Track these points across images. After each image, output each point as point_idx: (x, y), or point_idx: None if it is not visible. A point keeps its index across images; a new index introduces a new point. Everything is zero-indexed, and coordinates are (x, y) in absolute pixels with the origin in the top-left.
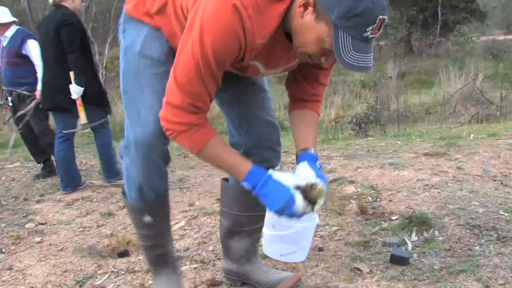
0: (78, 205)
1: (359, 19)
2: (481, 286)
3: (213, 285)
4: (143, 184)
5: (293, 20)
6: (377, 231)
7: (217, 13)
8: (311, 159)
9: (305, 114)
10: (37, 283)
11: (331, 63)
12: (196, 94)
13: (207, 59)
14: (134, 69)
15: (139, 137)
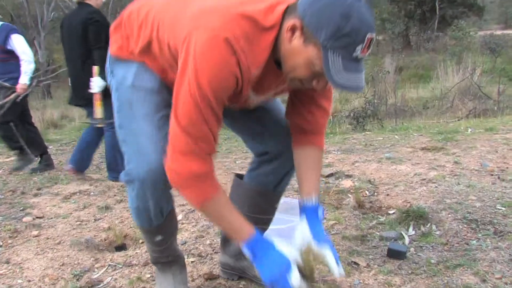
0: (75, 199)
1: (348, 39)
2: (478, 280)
3: (210, 278)
4: (151, 212)
5: (282, 46)
6: (374, 225)
7: (209, 49)
8: (312, 212)
9: (307, 154)
10: (35, 276)
11: (323, 85)
12: (200, 136)
13: (206, 97)
14: (128, 102)
15: (142, 169)
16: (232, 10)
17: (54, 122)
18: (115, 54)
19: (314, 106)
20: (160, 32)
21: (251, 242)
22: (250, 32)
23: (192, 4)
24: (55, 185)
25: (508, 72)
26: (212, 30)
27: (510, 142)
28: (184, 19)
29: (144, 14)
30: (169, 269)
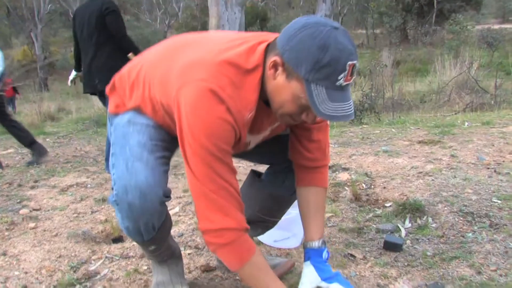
0: (72, 191)
1: (328, 69)
2: (473, 272)
3: (207, 270)
4: (142, 231)
5: (268, 85)
6: (370, 218)
7: (197, 104)
8: (316, 256)
9: (310, 195)
10: (32, 268)
11: (312, 118)
12: (219, 191)
13: (210, 151)
14: (123, 134)
15: (131, 192)
16: (215, 59)
17: (51, 114)
18: (113, 112)
19: (309, 141)
20: (152, 91)
21: None
22: (235, 78)
23: (178, 58)
24: (52, 177)
25: (505, 66)
26: (197, 84)
27: (507, 136)
28: (172, 76)
29: (134, 75)
30: (165, 263)
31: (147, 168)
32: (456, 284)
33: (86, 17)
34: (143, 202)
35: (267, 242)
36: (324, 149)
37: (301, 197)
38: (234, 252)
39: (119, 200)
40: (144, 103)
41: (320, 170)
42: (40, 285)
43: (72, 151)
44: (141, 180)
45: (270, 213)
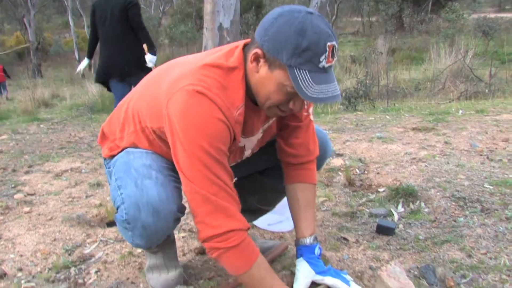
0: (67, 176)
1: (309, 52)
2: (464, 255)
3: (200, 253)
4: (153, 245)
5: (251, 79)
6: (364, 203)
7: (189, 108)
8: (309, 252)
9: (297, 192)
10: (27, 251)
11: (300, 105)
12: (217, 191)
13: (205, 150)
14: (124, 162)
15: (143, 207)
16: (197, 65)
17: (45, 101)
18: (108, 156)
19: (293, 139)
20: (142, 122)
21: None
22: (219, 77)
23: (163, 81)
24: (47, 162)
25: (500, 55)
26: (184, 90)
27: (500, 123)
28: (160, 97)
29: (123, 114)
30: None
31: (157, 184)
32: (447, 267)
33: (108, 10)
34: (157, 219)
35: (261, 225)
36: (307, 145)
37: (290, 195)
38: (241, 254)
39: (131, 219)
40: (138, 139)
41: (306, 166)
42: (35, 267)
43: (67, 137)
44: (153, 196)
45: (268, 203)
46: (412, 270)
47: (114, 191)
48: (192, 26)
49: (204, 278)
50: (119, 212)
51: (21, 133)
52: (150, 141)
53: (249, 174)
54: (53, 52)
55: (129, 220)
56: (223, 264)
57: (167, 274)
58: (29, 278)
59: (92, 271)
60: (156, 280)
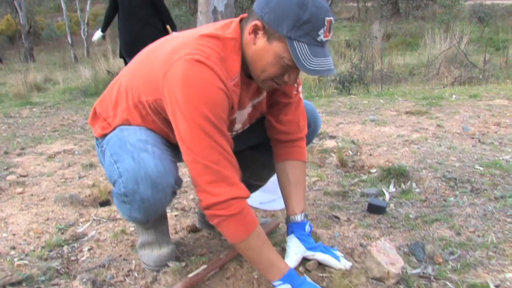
0: (60, 158)
1: (309, 25)
2: (452, 233)
3: (193, 231)
4: (150, 218)
5: (248, 51)
6: (356, 183)
7: (189, 77)
8: (299, 228)
9: (288, 169)
10: (20, 230)
11: (294, 78)
12: (218, 159)
13: (207, 118)
14: (118, 139)
15: (141, 180)
16: (192, 37)
17: (37, 85)
18: (100, 135)
19: (283, 116)
20: (136, 97)
21: (289, 276)
22: (217, 47)
23: (158, 55)
24: (39, 145)
25: (495, 42)
26: (183, 60)
27: (493, 108)
28: (156, 69)
29: (115, 92)
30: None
31: (155, 157)
32: (436, 244)
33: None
34: (155, 192)
35: (253, 204)
36: (297, 122)
37: (280, 172)
38: (241, 222)
39: (129, 192)
40: (131, 115)
41: (296, 143)
42: (28, 246)
43: (60, 120)
44: (151, 169)
45: (260, 178)
46: (402, 247)
47: (110, 166)
48: (186, 10)
49: (196, 255)
50: (116, 186)
51: (13, 117)
52: (143, 117)
53: (241, 150)
54: (46, 36)
55: (128, 193)
56: (222, 231)
57: (159, 250)
58: (22, 256)
59: (85, 249)
60: (148, 257)
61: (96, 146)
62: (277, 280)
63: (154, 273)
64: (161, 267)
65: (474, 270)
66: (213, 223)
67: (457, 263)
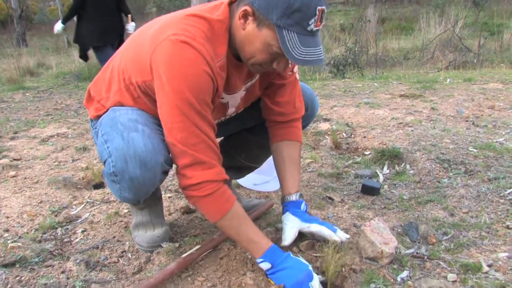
0: (53, 141)
1: (299, 14)
2: (446, 214)
3: (186, 212)
4: (140, 198)
5: (236, 35)
6: (350, 165)
7: (173, 58)
8: (294, 207)
9: (283, 150)
10: (13, 213)
11: (283, 66)
12: (196, 142)
13: (188, 101)
14: (110, 119)
15: (130, 159)
16: (179, 16)
17: (30, 69)
18: (94, 116)
19: (279, 97)
20: (127, 79)
21: (271, 252)
22: (202, 27)
23: (146, 36)
24: (32, 128)
25: (490, 26)
26: (168, 40)
27: (487, 92)
28: (144, 49)
29: (108, 74)
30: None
31: (144, 136)
32: (429, 225)
33: None
34: (144, 171)
35: (247, 185)
36: (294, 103)
37: (276, 153)
38: (214, 203)
39: (118, 171)
40: (123, 97)
41: (293, 124)
42: (21, 228)
43: (53, 105)
44: (140, 148)
45: (254, 160)
46: (396, 228)
47: (101, 146)
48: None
49: (189, 235)
50: (106, 165)
51: (6, 101)
52: (134, 99)
53: (237, 132)
54: (38, 21)
55: (117, 172)
56: (200, 211)
57: (153, 231)
58: (15, 238)
59: (78, 231)
60: (142, 237)
61: (91, 127)
62: (259, 258)
63: (148, 254)
64: (155, 247)
65: (467, 250)
66: (190, 203)
67: (451, 243)
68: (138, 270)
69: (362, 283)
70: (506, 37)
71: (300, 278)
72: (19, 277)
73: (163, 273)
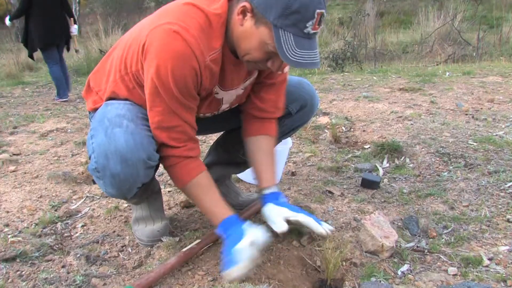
0: (52, 136)
1: (297, 15)
2: (446, 208)
3: (186, 206)
4: (126, 194)
5: (234, 31)
6: (349, 158)
7: (162, 45)
8: (274, 198)
9: (260, 143)
10: (13, 208)
11: (278, 65)
12: (174, 127)
13: (169, 89)
14: (101, 113)
15: (111, 155)
16: (178, 4)
17: (29, 64)
18: (92, 108)
19: (264, 93)
20: (123, 69)
21: (224, 223)
22: (199, 18)
23: (145, 24)
24: (32, 123)
25: (489, 20)
26: (163, 27)
27: (486, 85)
28: (141, 34)
29: (109, 64)
30: (144, 200)
31: (127, 132)
32: (429, 218)
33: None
34: (125, 167)
35: (246, 179)
36: (276, 103)
37: (252, 146)
38: (176, 174)
39: (100, 168)
40: (118, 87)
41: (270, 120)
42: (22, 223)
43: (52, 99)
44: (120, 144)
45: None
46: (396, 221)
47: (88, 141)
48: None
49: (189, 230)
50: (91, 161)
51: (5, 96)
52: (129, 90)
53: (236, 128)
54: None
55: (99, 168)
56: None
57: (153, 225)
58: (16, 233)
59: (78, 225)
60: (142, 232)
61: (90, 120)
62: (217, 227)
63: (148, 248)
64: (155, 242)
65: (468, 243)
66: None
67: (451, 236)
68: (138, 264)
69: (363, 277)
70: (505, 30)
71: (228, 247)
72: (19, 272)
73: (163, 267)
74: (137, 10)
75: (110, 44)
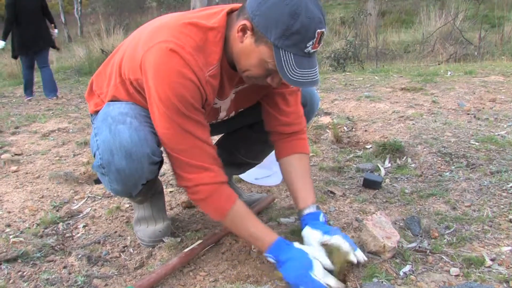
0: (54, 136)
1: (298, 36)
2: (448, 208)
3: (188, 207)
4: (132, 191)
5: (233, 46)
6: (351, 158)
7: (160, 66)
8: (313, 219)
9: (294, 162)
10: (14, 208)
11: (277, 81)
12: (188, 147)
13: (175, 108)
14: (103, 113)
15: (116, 151)
16: (178, 22)
17: None
18: (93, 111)
19: (284, 106)
20: (123, 74)
21: (274, 247)
22: (196, 36)
23: (144, 33)
24: (33, 123)
25: (490, 19)
26: (159, 46)
27: (488, 84)
28: (139, 47)
29: (110, 67)
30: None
31: (131, 128)
32: (431, 219)
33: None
34: (130, 162)
35: (249, 179)
36: (299, 112)
37: (286, 166)
38: (213, 205)
39: (105, 164)
40: (118, 91)
41: (299, 136)
42: (23, 223)
43: (54, 99)
44: (125, 139)
45: (254, 156)
46: (398, 222)
47: (92, 140)
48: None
49: (191, 230)
50: (95, 158)
51: (7, 96)
52: (129, 94)
53: (237, 128)
54: None
55: (104, 164)
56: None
57: (154, 226)
58: (17, 233)
59: (80, 225)
60: (143, 232)
61: (92, 122)
62: (264, 253)
63: (150, 249)
64: (157, 242)
65: (470, 244)
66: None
67: (453, 237)
68: (140, 265)
69: (365, 277)
70: (507, 30)
71: (299, 271)
72: (21, 272)
73: (165, 268)
74: (139, 10)
75: (112, 44)
